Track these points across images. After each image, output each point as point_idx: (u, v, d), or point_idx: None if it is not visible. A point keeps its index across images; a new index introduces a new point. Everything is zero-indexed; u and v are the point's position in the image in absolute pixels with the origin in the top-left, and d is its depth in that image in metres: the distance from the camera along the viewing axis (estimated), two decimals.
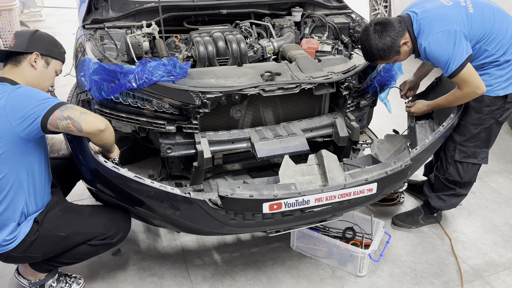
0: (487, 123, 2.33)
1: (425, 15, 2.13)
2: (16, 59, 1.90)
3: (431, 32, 2.09)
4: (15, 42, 1.92)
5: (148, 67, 1.97)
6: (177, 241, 2.59)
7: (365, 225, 2.52)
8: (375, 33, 2.12)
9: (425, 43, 2.10)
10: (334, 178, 1.97)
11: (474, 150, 2.40)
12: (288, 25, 2.69)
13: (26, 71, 1.90)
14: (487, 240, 2.68)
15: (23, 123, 1.71)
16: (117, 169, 1.84)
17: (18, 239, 1.86)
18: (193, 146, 2.12)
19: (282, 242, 2.59)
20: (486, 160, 2.44)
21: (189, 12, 2.68)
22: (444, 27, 2.08)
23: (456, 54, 2.06)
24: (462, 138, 2.39)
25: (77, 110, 1.77)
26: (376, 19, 2.18)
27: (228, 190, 1.83)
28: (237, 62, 2.41)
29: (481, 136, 2.36)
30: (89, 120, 1.76)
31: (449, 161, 2.48)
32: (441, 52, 2.08)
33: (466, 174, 2.48)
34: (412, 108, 2.46)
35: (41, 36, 1.98)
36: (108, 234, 2.01)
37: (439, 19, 2.10)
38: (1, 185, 1.78)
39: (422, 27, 2.12)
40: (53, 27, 6.56)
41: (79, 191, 2.83)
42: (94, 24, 2.47)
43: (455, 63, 2.06)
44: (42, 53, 1.93)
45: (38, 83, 1.93)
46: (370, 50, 2.15)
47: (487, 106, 2.27)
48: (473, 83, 2.12)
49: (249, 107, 2.28)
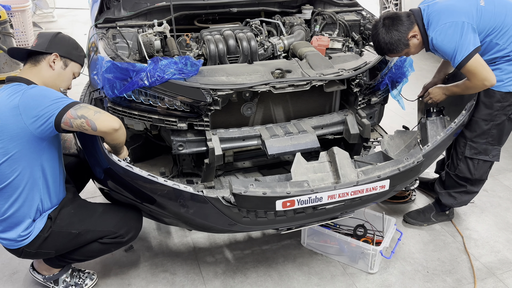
0: (499, 120, 2.30)
1: (435, 8, 2.17)
2: (35, 59, 1.92)
3: (439, 24, 2.12)
4: (37, 42, 1.96)
5: (160, 65, 1.99)
6: (189, 238, 2.61)
7: (377, 223, 2.52)
8: (383, 27, 2.18)
9: (433, 34, 2.13)
10: (346, 175, 1.97)
11: (485, 146, 2.38)
12: (298, 22, 2.70)
13: (44, 71, 1.93)
14: (500, 238, 2.66)
15: (36, 121, 1.74)
16: (131, 167, 1.86)
17: (32, 235, 1.90)
18: (204, 143, 2.13)
19: (293, 239, 2.60)
20: (497, 157, 2.41)
21: (200, 11, 2.69)
22: (451, 19, 2.10)
23: (463, 45, 2.07)
24: (473, 134, 2.37)
25: (91, 109, 1.79)
26: (385, 14, 2.23)
27: (241, 187, 1.84)
28: (247, 60, 2.42)
29: (492, 133, 2.34)
30: (103, 119, 1.78)
31: (459, 157, 2.46)
32: (447, 43, 2.10)
33: (477, 171, 2.46)
34: (430, 95, 2.46)
35: (63, 38, 2.01)
36: (119, 233, 2.03)
37: (447, 10, 2.13)
38: (17, 183, 1.81)
39: (430, 19, 2.16)
40: (65, 28, 6.63)
41: (92, 188, 2.86)
42: (106, 23, 2.50)
43: (461, 54, 2.08)
44: (61, 54, 1.95)
45: (55, 84, 1.96)
46: (379, 44, 2.21)
47: (498, 101, 2.25)
48: (480, 75, 2.12)
49: (260, 105, 2.28)
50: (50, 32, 2.02)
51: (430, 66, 5.14)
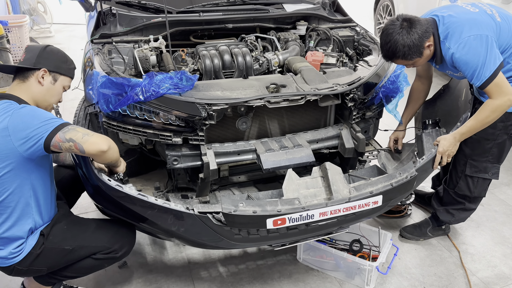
0: (500, 139, 2.28)
1: (453, 19, 2.04)
2: (24, 75, 1.89)
3: (462, 36, 1.98)
4: (25, 57, 1.92)
5: (155, 80, 1.99)
6: (183, 253, 2.58)
7: (373, 237, 2.50)
8: (402, 29, 2.00)
9: (455, 47, 2.00)
10: (338, 191, 1.96)
11: (485, 165, 2.36)
12: (293, 38, 2.72)
13: (33, 87, 1.89)
14: (497, 253, 2.65)
15: (25, 143, 1.71)
16: (120, 187, 1.84)
17: (24, 252, 1.87)
18: (199, 157, 2.13)
19: (289, 254, 2.57)
20: (497, 175, 2.39)
21: (196, 26, 2.72)
22: (475, 31, 1.98)
23: (490, 60, 1.95)
24: (474, 153, 2.35)
25: (80, 131, 1.76)
26: (402, 15, 2.07)
27: (231, 206, 1.83)
28: (242, 75, 2.43)
29: (493, 151, 2.32)
30: (91, 141, 1.75)
31: (459, 175, 2.44)
32: (472, 57, 1.97)
33: (476, 189, 2.44)
34: (439, 148, 2.20)
35: (51, 52, 1.97)
36: (113, 248, 2.01)
37: (470, 23, 2.01)
38: (7, 202, 1.79)
39: (450, 30, 2.02)
40: (62, 43, 6.67)
41: (85, 204, 2.84)
42: (102, 39, 2.51)
43: (488, 69, 1.95)
44: (50, 69, 1.92)
45: (45, 99, 1.93)
46: (394, 46, 2.01)
47: (501, 121, 2.20)
48: (508, 89, 2.00)
49: (255, 119, 2.29)
50: (38, 46, 1.97)
51: None
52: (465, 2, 2.27)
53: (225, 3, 2.83)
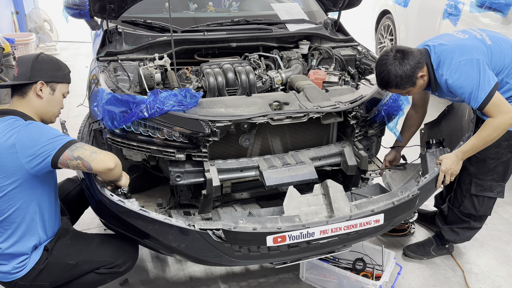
0: (505, 157, 2.29)
1: (444, 47, 2.10)
2: (21, 90, 1.85)
3: (452, 62, 2.04)
4: (18, 71, 1.87)
5: (160, 97, 2.02)
6: (185, 271, 2.56)
7: (376, 256, 2.48)
8: (395, 60, 2.07)
9: (447, 73, 2.05)
10: (339, 209, 1.96)
11: (490, 183, 2.36)
12: (296, 57, 2.76)
13: (33, 102, 1.87)
14: (501, 272, 2.62)
15: (32, 161, 1.72)
16: (122, 202, 1.85)
17: (27, 267, 1.86)
18: (202, 174, 2.14)
19: (291, 273, 2.55)
20: (502, 194, 2.39)
21: (200, 45, 2.76)
22: (465, 56, 2.03)
23: (484, 82, 1.99)
24: (479, 171, 2.35)
25: (87, 149, 1.77)
26: (396, 46, 2.14)
27: (231, 223, 1.83)
28: (246, 92, 2.46)
29: (498, 170, 2.32)
30: (99, 159, 1.77)
31: (464, 194, 2.44)
32: (465, 80, 2.01)
33: (482, 207, 2.43)
34: (442, 167, 2.19)
35: (43, 62, 1.90)
36: (116, 263, 2.00)
37: (459, 49, 2.06)
38: (13, 218, 1.79)
39: (442, 58, 2.08)
40: (68, 61, 6.76)
41: (88, 220, 2.84)
42: (108, 57, 2.55)
43: (484, 90, 1.99)
44: (46, 80, 1.87)
45: (47, 111, 1.92)
46: (387, 76, 2.09)
47: (505, 140, 2.22)
48: (507, 108, 2.02)
49: (258, 136, 2.30)
50: (29, 57, 1.89)
51: None
52: (458, 29, 2.33)
53: (229, 22, 2.88)
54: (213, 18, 2.99)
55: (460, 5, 4.62)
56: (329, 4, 3.29)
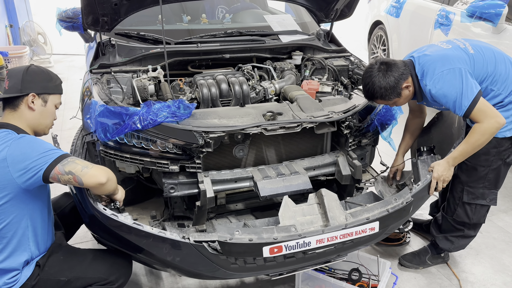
0: (495, 165, 2.30)
1: (427, 58, 2.14)
2: (13, 103, 1.84)
3: (435, 72, 2.08)
4: (9, 84, 1.84)
5: (153, 109, 2.02)
6: (179, 284, 2.53)
7: (372, 266, 2.47)
8: (379, 72, 2.13)
9: (430, 83, 2.09)
10: (335, 218, 1.96)
11: (482, 191, 2.37)
12: (289, 67, 2.78)
13: (26, 114, 1.85)
14: (497, 281, 2.61)
15: (24, 175, 1.70)
16: (115, 216, 1.82)
17: (18, 283, 1.82)
18: (196, 185, 2.13)
19: (287, 284, 2.53)
20: (495, 201, 2.40)
21: (194, 57, 2.77)
22: (448, 66, 2.07)
23: (467, 89, 2.02)
24: (470, 179, 2.36)
25: (79, 164, 1.75)
26: (381, 59, 2.20)
27: (226, 234, 1.82)
28: (239, 103, 2.46)
29: (489, 177, 2.34)
30: (90, 174, 1.75)
31: (457, 202, 2.45)
32: (448, 89, 2.05)
33: (475, 215, 2.44)
34: (434, 174, 2.23)
35: (34, 73, 1.88)
36: (109, 280, 1.97)
37: (441, 59, 2.11)
38: (4, 233, 1.76)
39: (425, 69, 2.12)
40: (62, 73, 6.75)
41: (82, 233, 2.81)
42: (101, 69, 2.55)
43: (467, 98, 2.02)
44: (38, 92, 1.85)
45: (40, 123, 1.91)
46: (372, 87, 2.14)
47: (494, 147, 2.24)
48: (492, 113, 2.05)
49: (252, 147, 2.30)
50: (20, 69, 1.88)
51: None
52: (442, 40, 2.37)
53: (222, 34, 2.89)
54: (206, 30, 3.00)
55: (451, 15, 4.68)
56: (322, 16, 3.32)
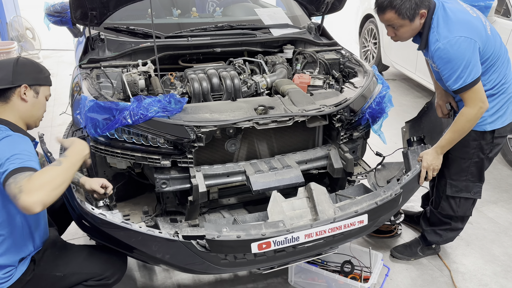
0: (477, 157, 2.30)
1: (451, 14, 2.01)
2: (4, 96, 1.80)
3: (453, 33, 1.95)
4: None
5: (144, 103, 2.00)
6: (173, 279, 2.53)
7: (364, 258, 2.49)
8: None
9: (444, 41, 1.96)
10: (324, 211, 1.96)
11: (466, 184, 2.37)
12: (280, 61, 2.77)
13: (18, 106, 1.82)
14: (487, 271, 2.65)
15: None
16: (103, 215, 1.79)
17: (13, 278, 1.80)
18: (188, 180, 2.12)
19: (280, 277, 2.54)
20: (479, 194, 2.41)
21: (184, 51, 2.75)
22: (467, 34, 1.95)
23: (473, 66, 1.95)
24: (451, 172, 2.37)
25: (23, 184, 1.45)
26: None
27: (214, 232, 1.81)
28: (231, 97, 2.45)
29: (471, 170, 2.34)
30: (22, 200, 1.44)
31: (441, 195, 2.46)
32: (456, 56, 1.94)
33: (460, 208, 2.45)
34: (423, 163, 2.21)
35: (24, 65, 1.86)
36: (105, 275, 1.96)
37: (465, 23, 1.98)
38: None
39: (444, 20, 1.99)
40: (51, 69, 6.66)
41: (73, 230, 2.78)
42: (91, 64, 2.52)
43: (470, 75, 1.95)
44: (29, 83, 1.83)
45: (32, 115, 1.88)
46: None
47: (474, 140, 2.24)
48: (482, 97, 2.01)
49: (244, 141, 2.30)
50: (9, 61, 1.85)
51: (410, 101, 5.28)
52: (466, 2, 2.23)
53: (213, 28, 2.87)
54: (197, 24, 2.98)
55: None
56: (312, 9, 3.31)
